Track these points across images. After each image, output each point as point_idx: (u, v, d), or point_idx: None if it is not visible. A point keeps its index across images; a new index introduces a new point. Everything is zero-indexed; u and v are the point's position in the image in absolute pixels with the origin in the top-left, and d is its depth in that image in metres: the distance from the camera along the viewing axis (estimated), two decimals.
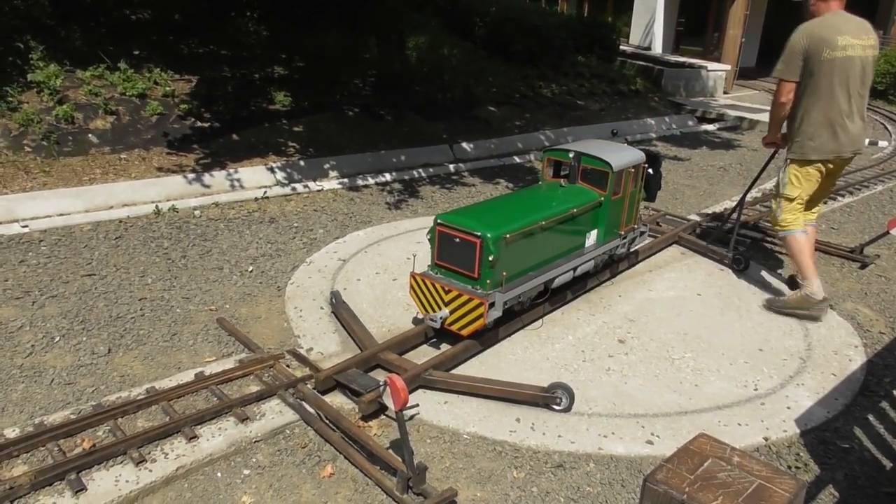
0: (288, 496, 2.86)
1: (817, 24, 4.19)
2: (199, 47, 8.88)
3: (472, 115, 9.79)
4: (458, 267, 3.86)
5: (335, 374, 3.49)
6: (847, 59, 4.14)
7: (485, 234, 3.69)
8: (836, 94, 4.21)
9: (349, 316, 4.14)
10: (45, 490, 2.75)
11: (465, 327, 3.78)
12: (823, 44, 4.11)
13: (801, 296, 4.57)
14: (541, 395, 3.45)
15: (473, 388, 3.54)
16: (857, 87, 4.25)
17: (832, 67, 4.14)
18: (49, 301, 4.35)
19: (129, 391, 3.44)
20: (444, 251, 3.91)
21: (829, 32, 4.12)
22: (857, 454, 3.29)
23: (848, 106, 4.26)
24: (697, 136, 11.37)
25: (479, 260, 3.73)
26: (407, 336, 3.93)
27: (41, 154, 6.36)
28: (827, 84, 4.18)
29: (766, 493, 1.36)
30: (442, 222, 3.88)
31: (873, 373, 4.01)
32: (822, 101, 4.23)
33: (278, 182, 6.91)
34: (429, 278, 3.91)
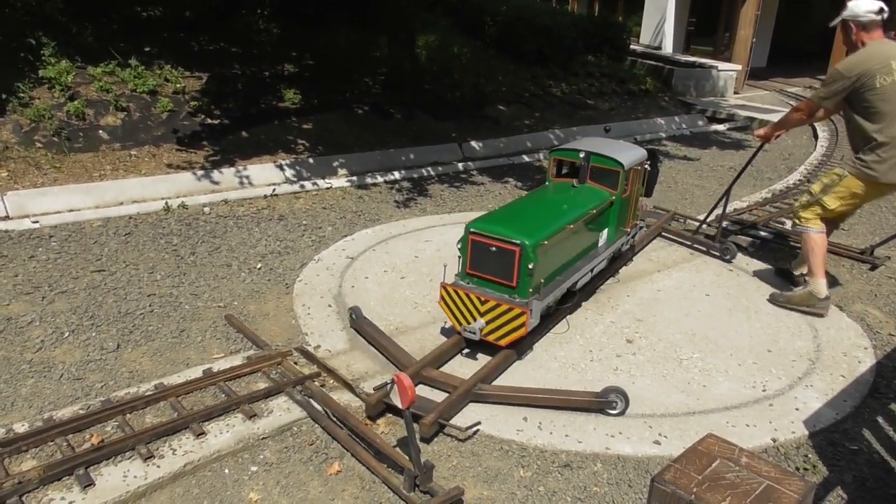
0: (295, 493, 2.87)
1: (863, 56, 4.11)
2: (209, 44, 8.91)
3: (481, 114, 9.78)
4: (494, 276, 3.74)
5: (384, 398, 3.26)
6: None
7: (524, 242, 3.61)
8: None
9: (376, 332, 3.98)
10: (54, 485, 2.77)
11: (505, 337, 3.69)
12: (875, 73, 4.04)
13: (805, 293, 4.59)
14: (596, 400, 3.41)
15: (528, 400, 3.46)
16: None
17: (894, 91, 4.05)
18: (59, 296, 4.37)
19: (137, 387, 3.46)
20: (478, 260, 3.79)
21: (878, 61, 4.05)
22: (865, 456, 3.26)
23: None
24: (707, 136, 11.32)
25: (517, 268, 3.64)
26: (443, 349, 3.81)
27: (52, 150, 6.40)
28: (893, 108, 4.08)
29: (774, 495, 1.35)
30: (476, 231, 3.75)
31: (882, 374, 3.98)
32: (892, 125, 4.10)
33: (287, 179, 6.92)
34: (462, 289, 3.78)
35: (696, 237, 5.73)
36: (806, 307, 4.58)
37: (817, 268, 4.52)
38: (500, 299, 3.68)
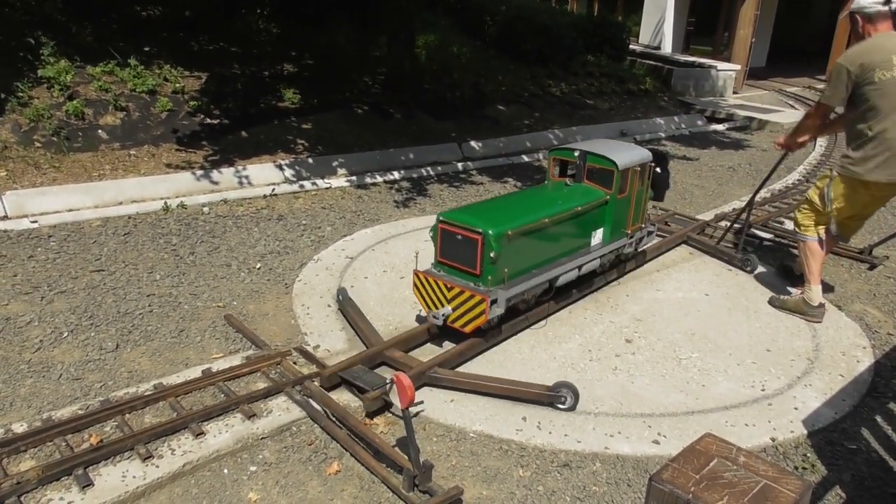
0: (294, 493, 2.87)
1: (865, 47, 3.98)
2: (209, 44, 8.91)
3: (481, 113, 9.78)
4: (460, 264, 3.88)
5: (340, 371, 3.50)
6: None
7: (486, 231, 3.71)
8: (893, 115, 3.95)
9: (355, 313, 4.15)
10: (53, 485, 2.77)
11: (468, 324, 3.79)
12: (875, 66, 3.89)
13: (798, 299, 4.63)
14: (546, 393, 3.45)
15: (478, 387, 3.54)
16: None
17: (893, 88, 3.91)
18: (58, 296, 4.37)
19: (136, 387, 3.46)
20: (447, 249, 3.93)
21: (880, 54, 3.90)
22: (864, 455, 3.27)
23: None
24: (707, 135, 11.33)
25: (480, 257, 3.75)
26: (412, 334, 3.94)
27: (51, 150, 6.40)
28: (889, 105, 3.93)
29: (772, 494, 1.36)
30: (444, 220, 3.90)
31: (881, 374, 3.98)
32: (884, 121, 3.95)
33: (287, 179, 6.93)
34: (431, 276, 3.93)
35: (719, 247, 5.59)
36: (799, 313, 4.59)
37: (812, 275, 4.51)
38: (465, 287, 3.78)
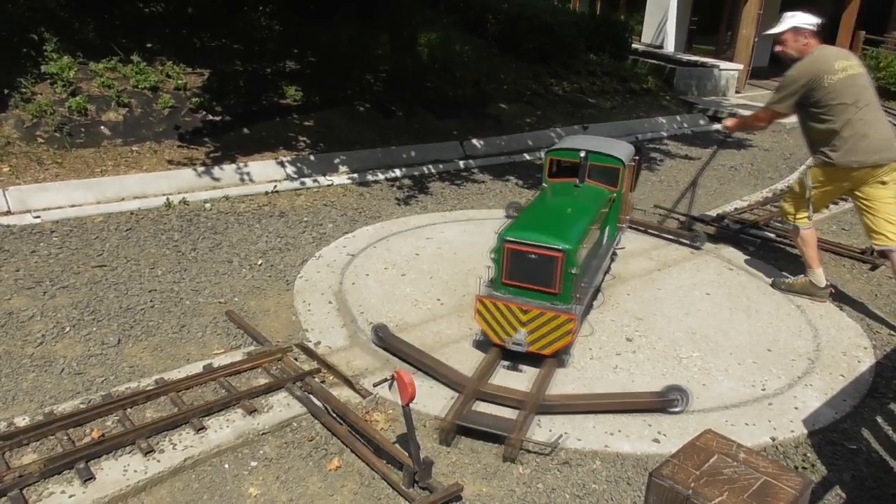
0: (294, 488, 2.88)
1: (809, 60, 4.47)
2: (211, 41, 8.91)
3: (482, 111, 9.77)
4: (534, 284, 3.66)
5: (458, 420, 3.20)
6: (850, 77, 4.38)
7: (566, 248, 3.56)
8: (854, 108, 4.35)
9: (413, 350, 3.78)
10: (54, 478, 2.78)
11: (550, 346, 3.62)
12: (822, 73, 4.37)
13: (805, 281, 4.86)
14: (658, 400, 3.42)
15: (592, 406, 3.42)
16: (870, 98, 4.42)
17: (841, 87, 4.35)
18: (60, 291, 4.38)
19: (138, 382, 3.47)
20: (516, 269, 3.68)
21: (822, 63, 4.40)
22: (864, 455, 3.27)
23: (870, 116, 4.40)
24: (709, 135, 11.31)
25: (560, 274, 3.58)
26: (489, 363, 3.69)
27: (54, 145, 6.41)
28: (843, 101, 4.36)
29: (771, 490, 1.36)
30: (511, 239, 3.65)
31: (882, 374, 3.98)
32: (842, 115, 4.36)
33: (288, 176, 6.93)
34: (501, 300, 3.66)
35: (665, 226, 6.01)
36: (807, 295, 4.82)
37: (812, 259, 4.79)
38: (543, 307, 3.60)
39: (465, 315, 4.34)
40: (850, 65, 4.42)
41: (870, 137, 4.35)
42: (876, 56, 16.45)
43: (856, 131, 4.35)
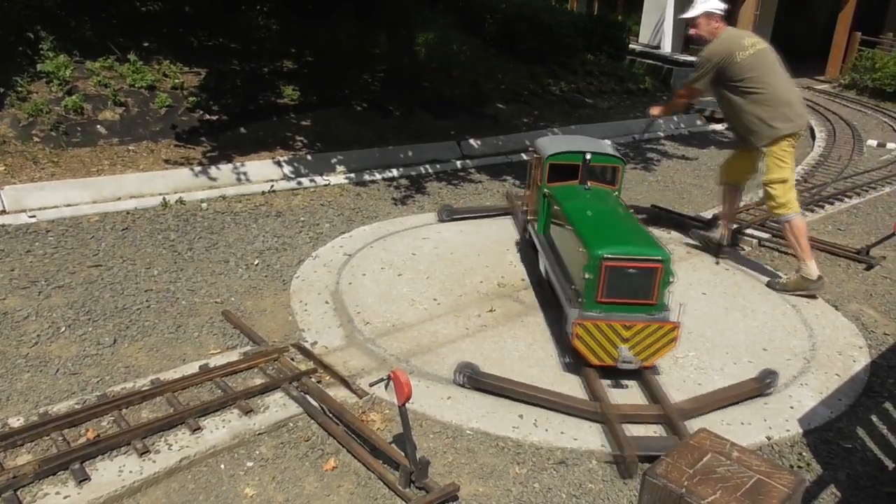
0: (290, 489, 2.88)
1: (720, 41, 4.83)
2: (208, 40, 8.90)
3: (480, 111, 9.78)
4: (633, 298, 3.54)
5: (640, 451, 3.07)
6: (760, 52, 4.77)
7: (665, 257, 3.50)
8: (770, 79, 4.78)
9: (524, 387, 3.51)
10: (49, 479, 2.77)
11: (653, 356, 3.58)
12: (733, 51, 4.74)
13: (797, 278, 4.91)
14: (759, 385, 3.59)
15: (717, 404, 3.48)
16: (780, 71, 4.85)
17: (754, 62, 4.74)
18: (55, 291, 4.37)
19: (133, 382, 3.46)
20: (615, 286, 3.52)
21: (732, 43, 4.77)
22: (859, 454, 3.28)
23: (786, 84, 4.84)
24: (706, 135, 11.33)
25: (658, 284, 3.51)
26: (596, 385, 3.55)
27: (50, 144, 6.40)
28: (758, 76, 4.76)
29: (764, 488, 1.37)
30: (612, 256, 3.48)
31: (877, 374, 3.99)
32: (763, 89, 4.77)
33: (285, 176, 6.92)
34: (600, 320, 3.51)
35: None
36: (802, 291, 4.89)
37: (804, 251, 4.83)
38: (643, 320, 3.52)
39: (462, 315, 4.34)
40: (758, 41, 4.83)
41: (793, 103, 4.80)
42: (871, 57, 16.50)
43: (782, 99, 4.76)
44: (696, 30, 4.94)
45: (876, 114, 13.83)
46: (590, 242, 3.58)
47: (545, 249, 4.46)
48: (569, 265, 3.95)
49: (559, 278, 4.01)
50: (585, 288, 3.55)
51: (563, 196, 4.35)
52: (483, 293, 4.68)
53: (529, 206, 4.98)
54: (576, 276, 3.73)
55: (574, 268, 3.78)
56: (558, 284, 3.99)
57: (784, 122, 4.76)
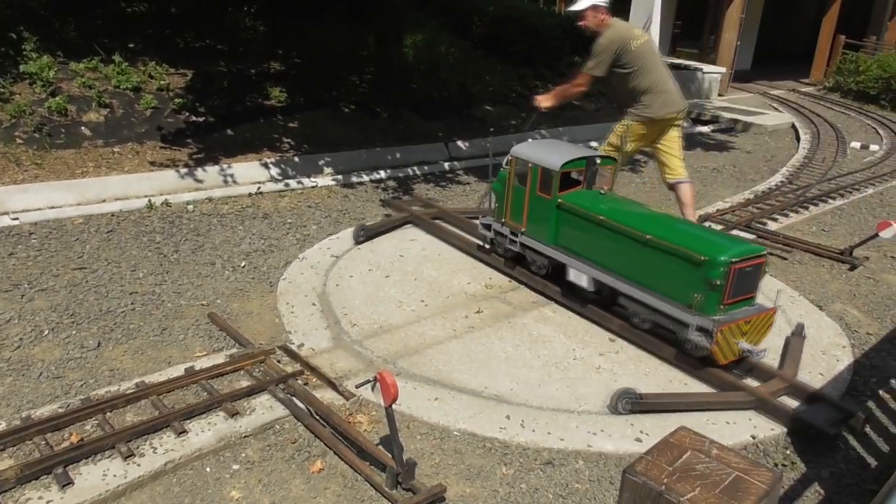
0: (277, 491, 2.86)
1: (615, 30, 5.14)
2: (194, 41, 8.86)
3: (468, 113, 9.79)
4: (746, 294, 3.73)
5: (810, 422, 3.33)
6: (646, 43, 5.18)
7: (764, 251, 3.79)
8: (655, 68, 5.22)
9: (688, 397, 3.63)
10: (32, 484, 2.74)
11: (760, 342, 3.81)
12: (628, 40, 5.10)
13: None
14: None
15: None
16: (659, 60, 5.30)
17: (643, 52, 5.14)
18: (38, 294, 4.34)
19: (118, 385, 3.44)
20: (738, 286, 3.65)
21: (625, 32, 5.14)
22: (842, 453, 3.30)
23: (666, 74, 5.30)
24: (692, 137, 11.39)
25: (760, 277, 3.77)
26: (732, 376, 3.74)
27: (33, 146, 6.34)
28: (646, 64, 5.17)
29: (742, 485, 1.38)
30: (737, 259, 3.57)
31: (860, 373, 4.03)
32: (649, 76, 5.19)
33: (272, 178, 6.90)
34: (731, 322, 3.60)
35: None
36: None
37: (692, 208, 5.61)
38: (756, 312, 3.74)
39: (450, 316, 4.34)
40: (643, 33, 5.28)
41: (669, 91, 5.25)
42: (855, 60, 16.66)
43: (660, 88, 5.22)
44: (584, 21, 5.23)
45: (860, 116, 13.97)
46: (706, 251, 3.62)
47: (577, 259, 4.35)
48: (660, 275, 3.88)
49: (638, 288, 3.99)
50: (711, 294, 3.60)
51: (597, 205, 4.28)
52: (470, 294, 4.68)
53: (510, 215, 4.75)
54: (684, 284, 3.71)
55: (678, 277, 3.75)
56: (641, 293, 3.96)
57: (663, 107, 5.26)
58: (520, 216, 4.67)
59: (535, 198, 4.53)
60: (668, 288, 3.83)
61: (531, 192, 4.55)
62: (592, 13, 5.19)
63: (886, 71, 15.26)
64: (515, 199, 4.68)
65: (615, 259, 4.13)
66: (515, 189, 4.65)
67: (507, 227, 4.79)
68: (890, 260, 5.91)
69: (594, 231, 4.20)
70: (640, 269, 3.99)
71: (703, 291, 3.61)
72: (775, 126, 12.21)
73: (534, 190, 4.52)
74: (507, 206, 4.74)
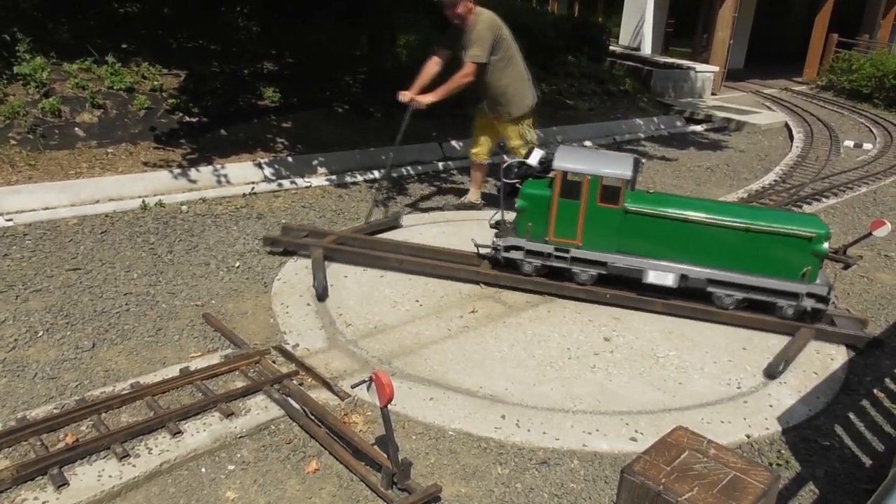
0: (272, 491, 2.86)
1: (489, 18, 5.32)
2: (188, 42, 8.84)
3: (462, 113, 9.77)
4: None
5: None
6: (510, 34, 5.46)
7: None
8: (519, 57, 5.55)
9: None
10: (27, 485, 2.74)
11: None
12: (501, 26, 5.35)
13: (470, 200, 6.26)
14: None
15: None
16: (521, 55, 5.61)
17: (510, 40, 5.43)
18: (33, 295, 4.32)
19: (113, 386, 3.43)
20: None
21: (497, 19, 5.35)
22: (837, 452, 3.32)
23: (524, 64, 5.65)
24: (685, 136, 11.44)
25: None
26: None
27: (27, 147, 6.32)
28: (514, 56, 5.45)
29: (740, 485, 1.38)
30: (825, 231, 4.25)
31: (854, 371, 4.05)
32: (517, 68, 5.48)
33: (266, 178, 6.89)
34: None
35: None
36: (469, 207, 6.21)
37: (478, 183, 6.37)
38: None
39: (444, 316, 4.35)
40: (504, 24, 5.47)
41: (529, 81, 5.61)
42: (848, 58, 16.73)
43: (526, 76, 5.56)
44: (457, 10, 5.29)
45: (853, 115, 14.03)
46: (812, 228, 4.23)
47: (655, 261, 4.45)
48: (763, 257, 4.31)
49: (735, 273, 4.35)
50: (816, 263, 4.24)
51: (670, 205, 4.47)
52: (465, 294, 4.69)
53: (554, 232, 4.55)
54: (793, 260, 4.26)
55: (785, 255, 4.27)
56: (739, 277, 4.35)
57: (530, 97, 5.59)
58: (572, 231, 4.49)
59: (596, 209, 4.41)
60: (771, 267, 4.29)
61: (589, 204, 4.42)
62: (462, 2, 5.28)
63: (879, 69, 15.34)
64: (564, 215, 4.47)
65: (706, 252, 4.38)
66: (563, 204, 4.45)
67: (551, 244, 4.57)
68: (884, 259, 5.94)
69: (678, 230, 4.38)
70: (738, 256, 4.33)
71: (812, 263, 4.22)
72: (769, 125, 12.27)
73: (592, 202, 4.41)
74: (552, 222, 4.51)
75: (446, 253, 5.05)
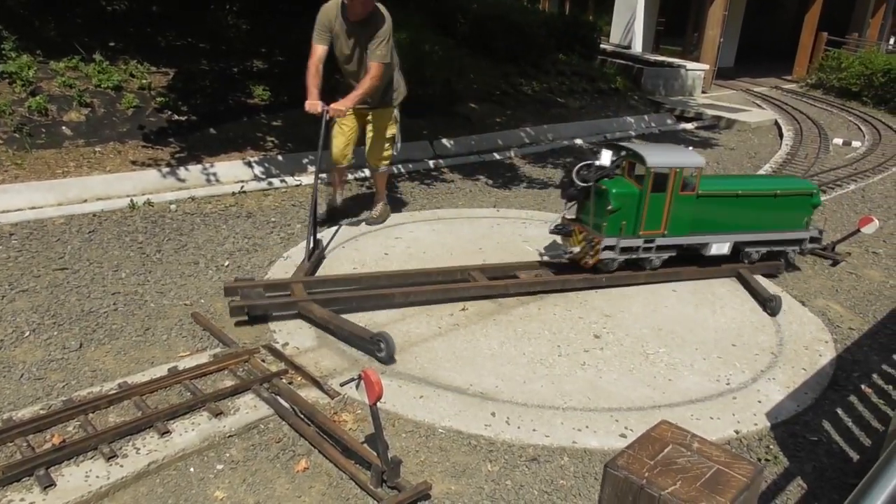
0: (261, 490, 2.85)
1: (385, 11, 5.24)
2: (176, 40, 8.78)
3: (452, 111, 9.78)
4: None
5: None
6: None
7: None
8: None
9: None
10: (14, 486, 2.72)
11: None
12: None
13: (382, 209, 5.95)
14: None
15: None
16: None
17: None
18: (19, 295, 4.29)
19: (100, 386, 3.41)
20: None
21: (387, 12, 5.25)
22: (825, 447, 3.34)
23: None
24: (676, 134, 11.46)
25: None
26: None
27: (13, 146, 6.27)
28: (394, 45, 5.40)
29: (723, 478, 1.39)
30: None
31: (842, 367, 4.08)
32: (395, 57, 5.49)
33: (256, 177, 6.86)
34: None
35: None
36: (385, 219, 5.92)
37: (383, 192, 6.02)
38: None
39: (434, 314, 4.34)
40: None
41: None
42: (837, 57, 16.82)
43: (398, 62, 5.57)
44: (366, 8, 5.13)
45: (842, 113, 14.11)
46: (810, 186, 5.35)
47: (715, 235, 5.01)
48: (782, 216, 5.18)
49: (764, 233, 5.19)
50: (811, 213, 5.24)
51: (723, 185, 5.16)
52: None
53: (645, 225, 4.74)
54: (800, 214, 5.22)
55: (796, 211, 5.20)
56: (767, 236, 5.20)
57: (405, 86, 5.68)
58: (658, 222, 4.76)
59: (679, 198, 4.73)
60: (787, 222, 5.20)
61: (673, 194, 4.69)
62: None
63: (868, 68, 15.42)
64: (654, 208, 4.70)
65: (748, 219, 5.08)
66: (654, 198, 4.67)
67: (641, 238, 4.77)
68: (872, 255, 5.98)
69: (732, 205, 5.01)
70: (767, 218, 5.13)
71: (810, 213, 5.23)
72: (758, 123, 12.32)
73: (676, 191, 4.69)
74: (643, 216, 4.69)
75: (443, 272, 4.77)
